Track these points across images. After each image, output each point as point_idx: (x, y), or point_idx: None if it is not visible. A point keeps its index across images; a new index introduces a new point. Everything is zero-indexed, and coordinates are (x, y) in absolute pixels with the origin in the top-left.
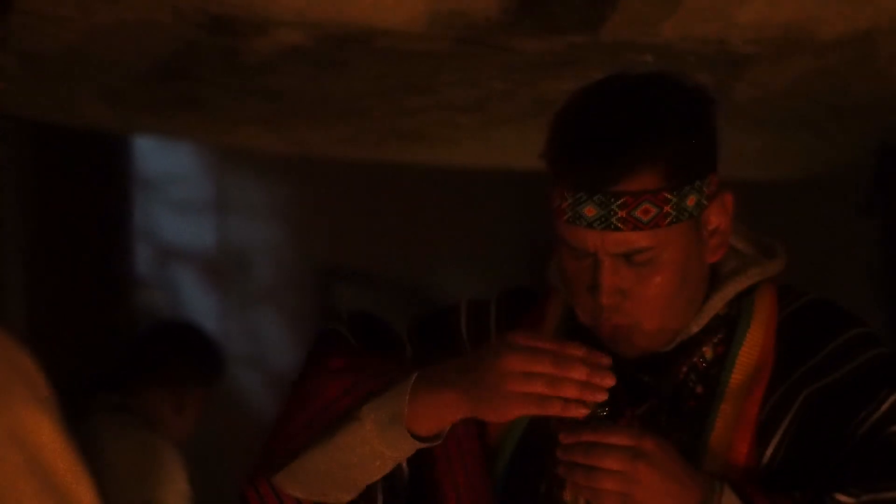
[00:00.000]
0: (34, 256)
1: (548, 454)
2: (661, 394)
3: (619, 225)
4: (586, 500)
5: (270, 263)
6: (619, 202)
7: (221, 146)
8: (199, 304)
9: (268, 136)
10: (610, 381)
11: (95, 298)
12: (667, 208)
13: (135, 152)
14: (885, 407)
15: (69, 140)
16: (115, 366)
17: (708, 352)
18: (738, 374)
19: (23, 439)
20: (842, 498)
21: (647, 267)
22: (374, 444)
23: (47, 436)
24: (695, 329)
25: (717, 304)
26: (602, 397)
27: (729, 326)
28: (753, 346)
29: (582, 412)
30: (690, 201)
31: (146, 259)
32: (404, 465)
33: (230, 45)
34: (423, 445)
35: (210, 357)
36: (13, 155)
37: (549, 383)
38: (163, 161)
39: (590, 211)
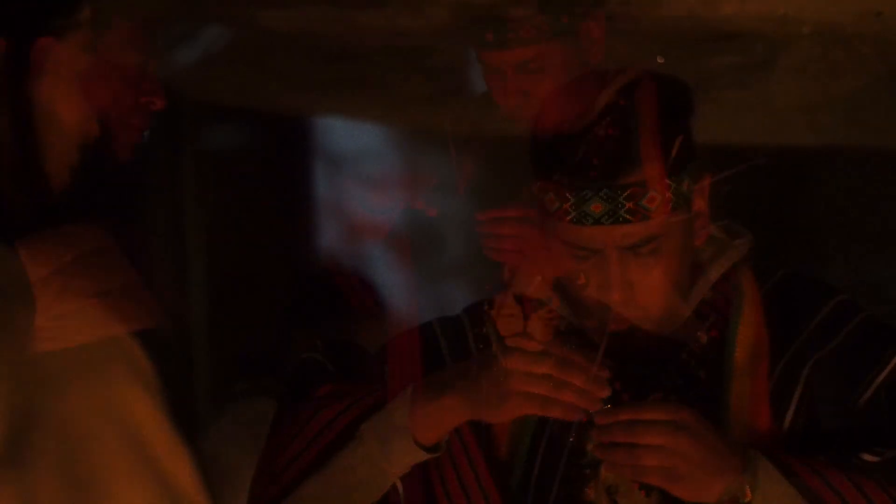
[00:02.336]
0: (216, 238)
1: (562, 457)
2: (664, 383)
3: (629, 217)
4: (613, 494)
5: (461, 238)
6: (626, 194)
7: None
8: (390, 280)
9: (435, 116)
10: (605, 392)
11: (281, 277)
12: (668, 195)
13: (322, 129)
14: (891, 366)
15: (249, 119)
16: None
17: (703, 336)
18: (740, 352)
19: (120, 415)
20: (867, 457)
21: (653, 256)
22: (377, 460)
23: (145, 412)
24: (685, 315)
25: (704, 288)
26: (596, 407)
27: (718, 309)
28: (749, 324)
29: (580, 416)
30: (685, 186)
31: (335, 236)
32: (399, 485)
33: (387, 25)
34: (426, 456)
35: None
36: (191, 137)
37: (552, 386)
38: (352, 137)
39: (597, 207)
